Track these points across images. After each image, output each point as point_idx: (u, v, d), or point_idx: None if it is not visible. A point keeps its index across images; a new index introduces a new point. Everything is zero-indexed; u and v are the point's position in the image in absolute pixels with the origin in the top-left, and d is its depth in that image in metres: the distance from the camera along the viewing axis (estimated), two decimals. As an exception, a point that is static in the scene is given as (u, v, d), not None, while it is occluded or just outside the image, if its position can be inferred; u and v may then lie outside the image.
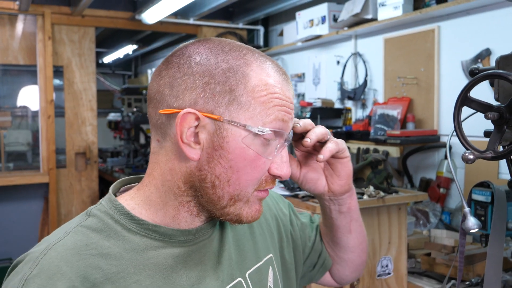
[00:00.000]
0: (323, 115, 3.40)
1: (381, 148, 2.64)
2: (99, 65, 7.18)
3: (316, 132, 0.79)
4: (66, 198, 4.20)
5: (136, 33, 5.75)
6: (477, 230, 1.15)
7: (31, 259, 0.64)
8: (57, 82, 4.30)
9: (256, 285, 0.81)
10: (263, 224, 0.90)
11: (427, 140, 2.62)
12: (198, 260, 0.73)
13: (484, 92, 2.08)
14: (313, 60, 3.79)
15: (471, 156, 0.90)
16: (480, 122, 1.11)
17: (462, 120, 0.98)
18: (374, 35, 3.14)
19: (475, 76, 0.93)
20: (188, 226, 0.74)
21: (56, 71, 4.14)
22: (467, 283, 1.88)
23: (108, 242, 0.67)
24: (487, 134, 0.98)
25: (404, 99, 2.85)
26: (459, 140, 0.95)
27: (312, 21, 3.45)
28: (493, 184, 1.57)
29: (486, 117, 0.91)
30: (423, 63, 2.75)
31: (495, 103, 0.96)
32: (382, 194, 1.90)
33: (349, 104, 3.41)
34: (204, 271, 0.73)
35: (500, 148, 0.98)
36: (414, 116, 2.77)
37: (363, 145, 2.79)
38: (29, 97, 4.40)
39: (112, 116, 5.76)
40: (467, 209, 1.13)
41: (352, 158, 2.89)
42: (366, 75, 3.20)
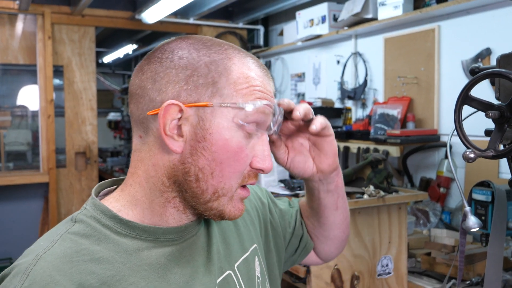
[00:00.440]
0: (323, 115, 3.37)
1: (381, 147, 2.64)
2: (99, 64, 7.18)
3: (303, 106, 0.81)
4: (66, 198, 4.20)
5: (136, 32, 5.75)
6: (477, 229, 1.15)
7: (20, 271, 0.61)
8: (57, 81, 4.30)
9: (244, 276, 0.82)
10: (245, 216, 0.91)
11: (427, 140, 2.62)
12: (189, 257, 0.74)
13: (484, 91, 2.08)
14: (313, 59, 3.79)
15: (472, 155, 0.90)
16: (481, 121, 1.11)
17: (463, 119, 0.98)
18: (374, 35, 3.14)
19: (475, 75, 0.93)
20: (176, 224, 0.73)
21: (56, 70, 4.13)
22: (468, 282, 1.88)
23: (99, 247, 0.66)
24: (487, 133, 0.98)
25: (404, 99, 2.85)
26: (460, 138, 0.95)
27: (312, 20, 3.45)
28: (493, 184, 1.57)
29: (487, 115, 0.91)
30: (423, 63, 2.75)
31: (495, 102, 0.96)
32: (382, 193, 1.90)
33: (349, 103, 3.41)
34: (196, 267, 0.74)
35: (501, 147, 0.98)
36: (414, 116, 2.77)
37: (363, 144, 2.79)
38: (29, 96, 4.40)
39: (112, 115, 5.76)
40: (467, 208, 1.13)
41: (352, 158, 2.90)
42: (366, 75, 3.20)
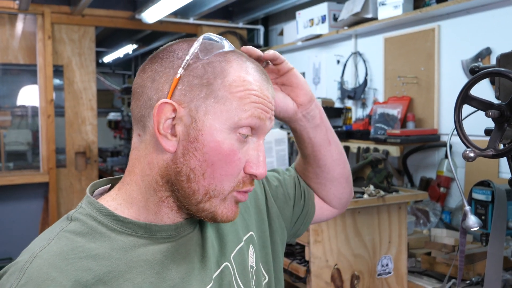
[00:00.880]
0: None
1: (381, 147, 2.64)
2: (99, 64, 7.18)
3: (272, 51, 0.83)
4: (66, 198, 4.20)
5: (136, 32, 5.75)
6: (477, 228, 1.15)
7: (16, 269, 0.62)
8: (57, 81, 4.30)
9: (239, 266, 0.82)
10: (242, 204, 0.90)
11: (427, 140, 2.61)
12: (185, 254, 0.74)
13: (484, 90, 2.08)
14: (313, 59, 3.79)
15: (472, 154, 0.90)
16: (481, 121, 1.11)
17: (463, 119, 0.98)
18: (374, 34, 3.14)
19: (475, 74, 0.93)
20: (172, 222, 0.74)
21: (56, 70, 4.13)
22: (468, 282, 1.88)
23: (94, 244, 0.66)
24: (487, 132, 0.98)
25: (404, 99, 2.85)
26: (460, 138, 0.95)
27: (312, 20, 3.45)
28: (493, 183, 1.57)
29: (487, 115, 0.91)
30: (423, 62, 2.75)
31: (495, 101, 0.96)
32: (382, 193, 1.90)
33: (349, 103, 3.41)
34: (192, 263, 0.74)
35: (501, 146, 0.98)
36: (414, 115, 2.77)
37: (363, 144, 2.79)
38: (29, 96, 4.40)
39: (112, 115, 5.77)
40: (467, 207, 1.13)
41: (352, 158, 2.90)
42: (366, 75, 3.20)
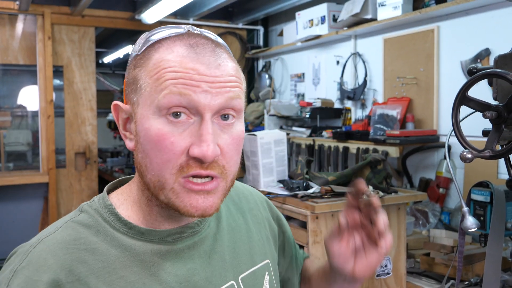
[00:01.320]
0: (323, 115, 3.40)
1: (380, 148, 2.64)
2: (99, 65, 7.18)
3: (384, 217, 0.77)
4: (65, 198, 4.20)
5: (136, 33, 5.74)
6: (475, 229, 1.16)
7: (22, 251, 0.67)
8: (57, 82, 4.30)
9: None
10: (263, 229, 0.90)
11: (427, 140, 2.62)
12: (187, 259, 0.73)
13: (483, 91, 2.08)
14: (312, 60, 3.79)
15: (469, 155, 0.91)
16: (479, 122, 1.11)
17: (461, 120, 0.99)
18: (374, 35, 3.14)
19: (473, 75, 0.93)
20: (178, 223, 0.74)
21: (56, 71, 4.14)
22: (466, 283, 1.88)
23: (96, 238, 0.69)
24: (485, 133, 0.99)
25: (403, 99, 2.85)
26: (457, 139, 0.95)
27: (311, 21, 3.46)
28: (492, 184, 1.57)
29: (484, 116, 0.91)
30: (423, 63, 2.75)
31: (494, 102, 0.96)
32: (381, 194, 1.90)
33: (348, 104, 3.41)
34: (193, 270, 0.73)
35: (499, 147, 0.98)
36: (414, 116, 2.77)
37: (363, 145, 2.79)
38: (29, 97, 4.40)
39: (112, 116, 5.76)
40: (465, 208, 1.13)
41: (351, 158, 2.90)
42: (366, 75, 3.21)
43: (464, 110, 0.98)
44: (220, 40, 0.74)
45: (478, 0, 2.32)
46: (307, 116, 3.40)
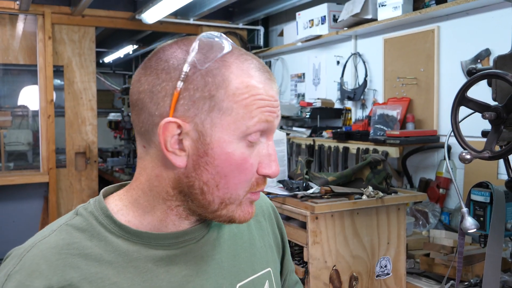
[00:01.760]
0: (323, 115, 3.40)
1: (380, 148, 2.64)
2: (99, 64, 7.18)
3: None
4: (66, 198, 4.21)
5: (136, 33, 5.75)
6: (474, 230, 1.16)
7: (16, 255, 0.67)
8: (57, 81, 4.31)
9: None
10: (267, 237, 0.89)
11: (427, 141, 2.61)
12: (182, 265, 0.72)
13: (484, 92, 2.08)
14: (313, 60, 3.79)
15: (468, 156, 0.91)
16: (478, 122, 1.11)
17: (460, 120, 0.98)
18: (374, 35, 3.14)
19: (472, 76, 0.93)
20: (176, 229, 0.73)
21: (56, 70, 4.14)
22: (466, 283, 1.88)
23: (90, 243, 0.68)
24: (484, 134, 0.99)
25: (403, 100, 2.85)
26: (456, 139, 0.95)
27: (312, 21, 3.46)
28: (492, 185, 1.57)
29: (483, 116, 0.91)
30: (423, 64, 2.75)
31: (493, 103, 0.96)
32: (381, 194, 1.90)
33: (349, 104, 3.41)
34: (188, 276, 0.72)
35: (498, 148, 0.98)
36: (414, 117, 2.77)
37: (363, 145, 2.79)
38: (29, 96, 4.40)
39: (112, 116, 5.76)
40: (464, 209, 1.13)
41: (351, 159, 2.90)
42: (366, 75, 3.20)
43: (463, 111, 0.98)
44: None
45: (479, 0, 2.32)
46: (307, 116, 3.40)
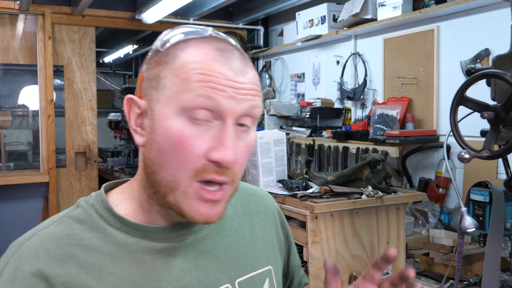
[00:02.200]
0: (323, 115, 3.40)
1: (380, 148, 2.64)
2: (99, 64, 7.18)
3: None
4: (66, 198, 4.21)
5: (136, 32, 5.75)
6: (473, 229, 1.16)
7: (17, 243, 0.69)
8: (57, 81, 4.31)
9: None
10: (270, 235, 0.89)
11: (426, 140, 2.62)
12: (181, 258, 0.73)
13: (483, 92, 2.08)
14: (313, 60, 3.79)
15: (467, 156, 0.91)
16: (477, 122, 1.12)
17: (459, 120, 0.99)
18: (374, 35, 3.14)
19: (471, 75, 0.93)
20: (168, 222, 0.74)
21: (56, 70, 4.14)
22: (465, 283, 1.88)
23: (89, 234, 0.70)
24: (483, 133, 0.99)
25: (403, 99, 2.85)
26: (455, 139, 0.96)
27: (312, 21, 3.46)
28: (491, 184, 1.57)
29: (482, 116, 0.91)
30: (423, 63, 2.75)
31: (492, 102, 0.96)
32: (380, 194, 1.90)
33: (348, 104, 3.41)
34: (186, 270, 0.73)
35: (497, 148, 0.98)
36: (414, 116, 2.77)
37: (362, 145, 2.80)
38: (29, 96, 4.40)
39: (112, 115, 5.76)
40: (464, 208, 1.14)
41: (351, 158, 2.90)
42: (366, 75, 3.21)
43: (462, 111, 0.98)
44: (240, 48, 0.75)
45: (478, 0, 2.32)
46: (307, 116, 3.41)
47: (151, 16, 3.92)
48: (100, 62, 7.62)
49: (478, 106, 0.92)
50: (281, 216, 0.95)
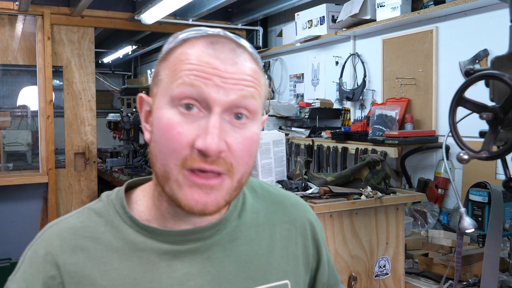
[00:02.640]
0: (322, 116, 3.40)
1: (379, 148, 2.65)
2: (98, 65, 7.18)
3: None
4: (65, 198, 4.21)
5: (135, 33, 5.75)
6: (473, 230, 1.16)
7: (42, 230, 0.75)
8: (56, 82, 4.31)
9: None
10: (293, 247, 0.83)
11: (425, 141, 2.62)
12: (186, 263, 0.72)
13: (481, 93, 2.09)
14: (312, 60, 3.79)
15: (466, 156, 0.91)
16: (476, 123, 1.12)
17: (458, 121, 0.99)
18: (373, 36, 3.15)
19: (470, 76, 0.93)
20: (176, 220, 0.73)
21: (55, 71, 4.14)
22: (464, 283, 1.88)
23: (104, 228, 0.73)
24: (482, 134, 0.99)
25: (402, 100, 2.86)
26: (454, 140, 0.96)
27: (311, 21, 3.46)
28: (490, 185, 1.58)
29: (481, 117, 0.91)
30: (421, 64, 2.75)
31: (491, 103, 0.97)
32: (379, 194, 1.90)
33: (347, 104, 3.41)
34: (189, 275, 0.72)
35: (496, 148, 0.98)
36: (413, 117, 2.78)
37: (362, 145, 2.80)
38: (28, 97, 4.40)
39: (111, 116, 5.76)
40: (462, 209, 1.14)
41: (350, 159, 2.90)
42: (365, 76, 3.21)
43: (461, 111, 0.98)
44: (245, 44, 0.72)
45: (477, 1, 2.33)
46: (306, 116, 3.41)
47: (150, 16, 3.92)
48: (99, 62, 7.61)
49: (476, 107, 0.92)
50: (313, 228, 0.88)
